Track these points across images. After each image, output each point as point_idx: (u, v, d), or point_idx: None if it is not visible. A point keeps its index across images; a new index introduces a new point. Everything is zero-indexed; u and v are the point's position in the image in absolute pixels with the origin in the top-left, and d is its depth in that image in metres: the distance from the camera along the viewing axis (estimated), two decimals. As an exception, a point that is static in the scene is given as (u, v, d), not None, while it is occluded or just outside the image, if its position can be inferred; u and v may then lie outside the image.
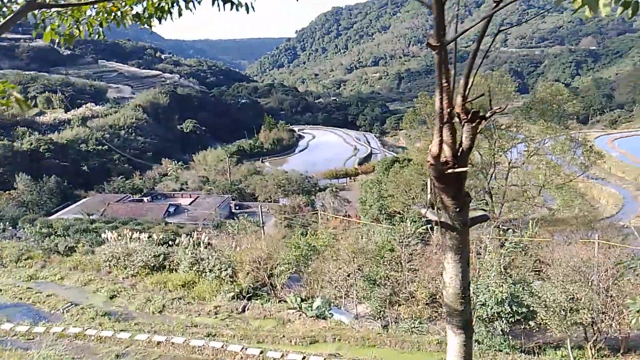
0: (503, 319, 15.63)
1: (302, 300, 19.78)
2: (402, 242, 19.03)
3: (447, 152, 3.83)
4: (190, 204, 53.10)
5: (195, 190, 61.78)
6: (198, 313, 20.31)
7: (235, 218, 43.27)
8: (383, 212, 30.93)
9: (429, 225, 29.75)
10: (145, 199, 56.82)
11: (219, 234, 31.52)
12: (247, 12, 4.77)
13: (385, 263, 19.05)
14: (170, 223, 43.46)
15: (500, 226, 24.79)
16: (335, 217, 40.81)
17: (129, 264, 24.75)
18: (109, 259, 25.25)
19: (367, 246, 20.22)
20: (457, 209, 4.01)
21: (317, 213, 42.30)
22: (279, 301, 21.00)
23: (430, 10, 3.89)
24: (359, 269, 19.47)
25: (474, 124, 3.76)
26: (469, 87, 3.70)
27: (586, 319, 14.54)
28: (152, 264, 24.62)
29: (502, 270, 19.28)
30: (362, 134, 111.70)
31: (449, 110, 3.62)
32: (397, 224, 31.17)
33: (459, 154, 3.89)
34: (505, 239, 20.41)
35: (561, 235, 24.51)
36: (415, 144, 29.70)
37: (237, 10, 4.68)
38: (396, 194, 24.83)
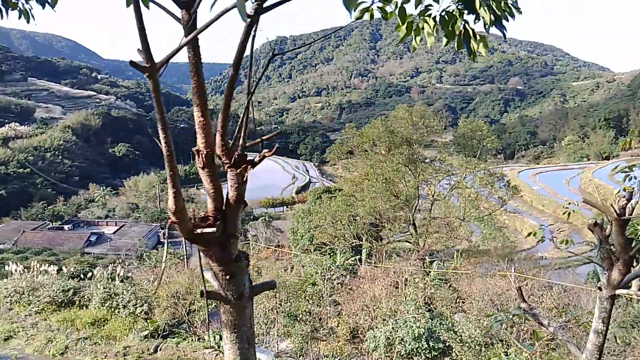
0: (421, 355, 15.44)
1: (221, 338, 18.74)
2: (324, 275, 18.61)
3: (209, 205, 3.30)
4: (114, 232, 50.16)
5: (123, 218, 58.64)
6: (105, 354, 18.64)
7: (163, 248, 41.31)
8: (313, 243, 30.54)
9: (357, 257, 29.81)
10: (65, 227, 53.05)
11: (139, 265, 29.74)
12: (43, 8, 4.17)
13: (307, 297, 18.50)
14: (90, 254, 40.74)
15: (427, 258, 25.11)
16: (267, 248, 39.94)
17: (33, 299, 22.55)
18: (11, 295, 22.89)
19: (290, 279, 19.61)
20: (227, 277, 3.29)
21: (248, 243, 41.23)
22: (198, 339, 19.79)
23: (371, 45, 3.31)
24: (280, 304, 18.75)
25: (239, 170, 3.25)
26: (243, 124, 3.13)
27: (500, 354, 14.62)
28: (60, 300, 22.53)
29: (422, 304, 19.32)
30: (302, 163, 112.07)
31: (207, 152, 3.06)
32: (326, 255, 30.93)
33: (224, 207, 3.32)
34: (428, 272, 20.55)
35: (482, 267, 25.08)
36: (347, 175, 29.78)
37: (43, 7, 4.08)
38: (324, 225, 24.60)
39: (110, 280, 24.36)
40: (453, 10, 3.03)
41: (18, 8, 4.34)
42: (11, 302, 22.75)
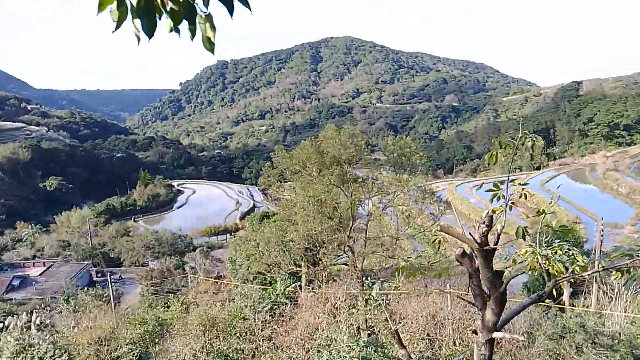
0: (356, 385, 14.75)
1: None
2: (254, 308, 17.62)
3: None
4: (41, 274, 46.48)
5: (51, 258, 54.63)
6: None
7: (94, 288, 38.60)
8: (252, 272, 29.39)
9: (297, 284, 28.90)
10: (-14, 271, 48.65)
11: (61, 310, 27.36)
12: None
13: (237, 334, 17.40)
14: (11, 299, 37.38)
15: (368, 279, 24.62)
16: (206, 279, 38.21)
17: None
18: None
19: (220, 315, 18.43)
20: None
21: (187, 276, 39.31)
22: (122, 389, 18.13)
23: (312, 67, 2.52)
24: (210, 344, 17.53)
25: None
26: None
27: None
28: (-40, 359, 20.14)
29: (360, 329, 18.72)
30: (246, 187, 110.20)
31: None
32: (266, 284, 29.83)
33: None
34: (366, 296, 20.00)
35: (421, 284, 24.87)
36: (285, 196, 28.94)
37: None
38: (256, 254, 23.64)
39: (25, 329, 22.16)
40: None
41: None
42: None
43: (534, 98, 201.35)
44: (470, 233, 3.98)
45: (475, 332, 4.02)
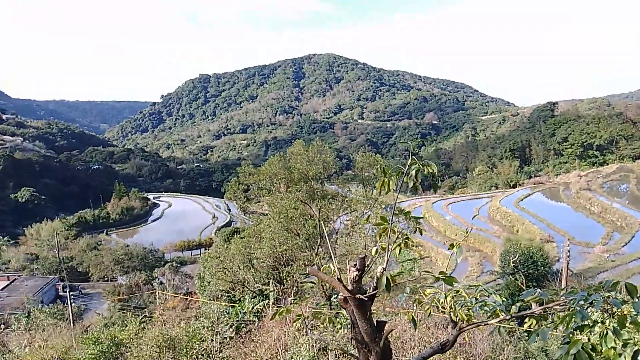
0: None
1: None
2: (213, 329, 17.01)
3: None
4: (3, 288, 44.77)
5: (17, 271, 52.80)
6: None
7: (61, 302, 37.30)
8: (220, 289, 28.65)
9: (266, 302, 28.27)
10: (-55, 286, 46.65)
11: (18, 327, 26.18)
12: None
13: (194, 356, 16.73)
14: (-32, 316, 35.80)
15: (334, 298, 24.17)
16: (174, 296, 37.23)
17: None
18: None
19: (178, 336, 17.75)
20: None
21: (155, 292, 38.26)
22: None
23: (295, 82, 2.18)
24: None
25: None
26: None
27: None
28: None
29: (321, 351, 18.23)
30: (224, 202, 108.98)
31: None
32: (235, 301, 29.11)
33: None
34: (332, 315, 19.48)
35: (392, 302, 24.51)
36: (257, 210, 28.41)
37: None
38: (219, 272, 23.01)
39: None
40: None
41: None
42: None
43: (512, 117, 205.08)
44: (339, 279, 3.56)
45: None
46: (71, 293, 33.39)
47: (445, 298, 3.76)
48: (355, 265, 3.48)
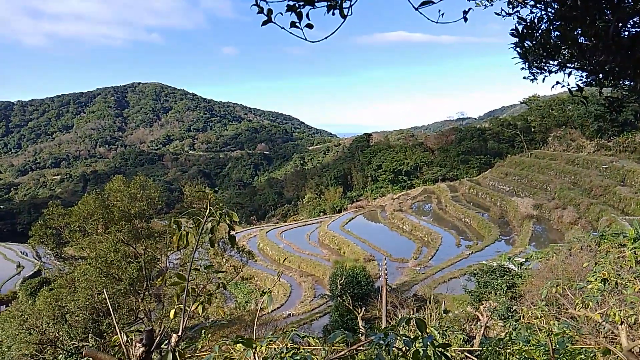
0: None
1: None
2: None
3: None
4: None
5: None
6: None
7: None
8: (27, 354, 24.36)
9: None
10: None
11: None
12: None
13: None
14: None
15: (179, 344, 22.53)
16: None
17: None
18: None
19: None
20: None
21: None
22: None
23: (117, 112, 1.21)
24: None
25: None
26: None
27: None
28: None
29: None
30: (32, 247, 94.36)
31: None
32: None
33: None
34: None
35: (229, 338, 23.61)
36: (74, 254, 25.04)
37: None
38: (21, 334, 19.59)
39: None
40: None
41: None
42: None
43: (335, 147, 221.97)
44: (128, 356, 3.22)
45: None
46: None
47: (256, 350, 3.69)
48: (141, 340, 3.17)
